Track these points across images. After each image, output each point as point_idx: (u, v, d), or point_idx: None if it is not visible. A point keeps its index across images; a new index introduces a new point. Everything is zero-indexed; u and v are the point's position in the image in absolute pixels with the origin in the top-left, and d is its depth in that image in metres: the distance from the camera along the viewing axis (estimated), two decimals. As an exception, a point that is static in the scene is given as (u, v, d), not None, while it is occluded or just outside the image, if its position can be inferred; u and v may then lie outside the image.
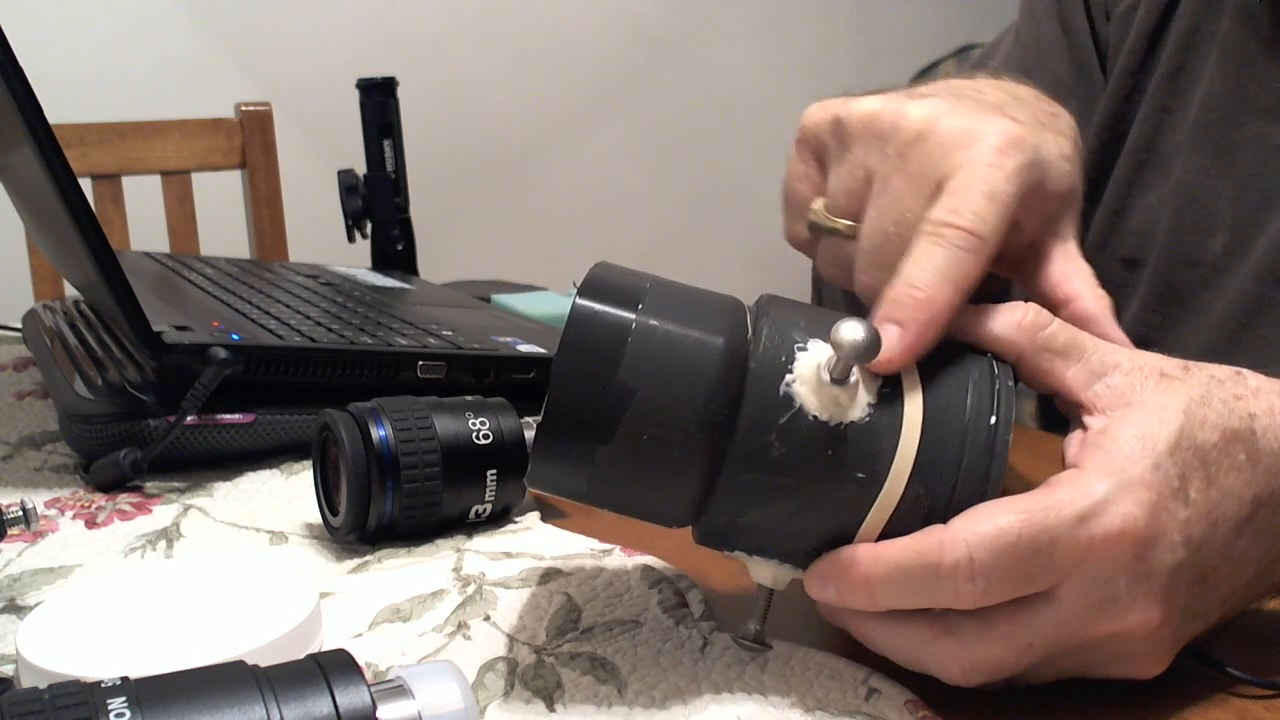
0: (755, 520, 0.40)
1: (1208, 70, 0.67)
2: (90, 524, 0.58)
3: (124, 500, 0.60)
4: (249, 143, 1.53)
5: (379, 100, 1.14)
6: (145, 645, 0.42)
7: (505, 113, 2.39)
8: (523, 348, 0.73)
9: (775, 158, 0.51)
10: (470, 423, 0.54)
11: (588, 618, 0.46)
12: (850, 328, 0.38)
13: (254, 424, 0.64)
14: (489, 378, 0.70)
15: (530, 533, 0.55)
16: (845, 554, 0.39)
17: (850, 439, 0.38)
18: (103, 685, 0.31)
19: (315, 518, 0.56)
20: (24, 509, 0.50)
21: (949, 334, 0.42)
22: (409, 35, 2.25)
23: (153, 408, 0.62)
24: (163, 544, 0.56)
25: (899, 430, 0.39)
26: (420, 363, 0.68)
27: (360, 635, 0.46)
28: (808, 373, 0.39)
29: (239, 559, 0.54)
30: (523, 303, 0.99)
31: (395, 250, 1.15)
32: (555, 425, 0.39)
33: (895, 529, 0.39)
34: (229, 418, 0.63)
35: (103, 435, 0.62)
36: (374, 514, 0.53)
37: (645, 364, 0.38)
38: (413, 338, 0.72)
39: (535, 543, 0.54)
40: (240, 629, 0.42)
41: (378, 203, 1.14)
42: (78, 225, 0.60)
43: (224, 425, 0.63)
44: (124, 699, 0.30)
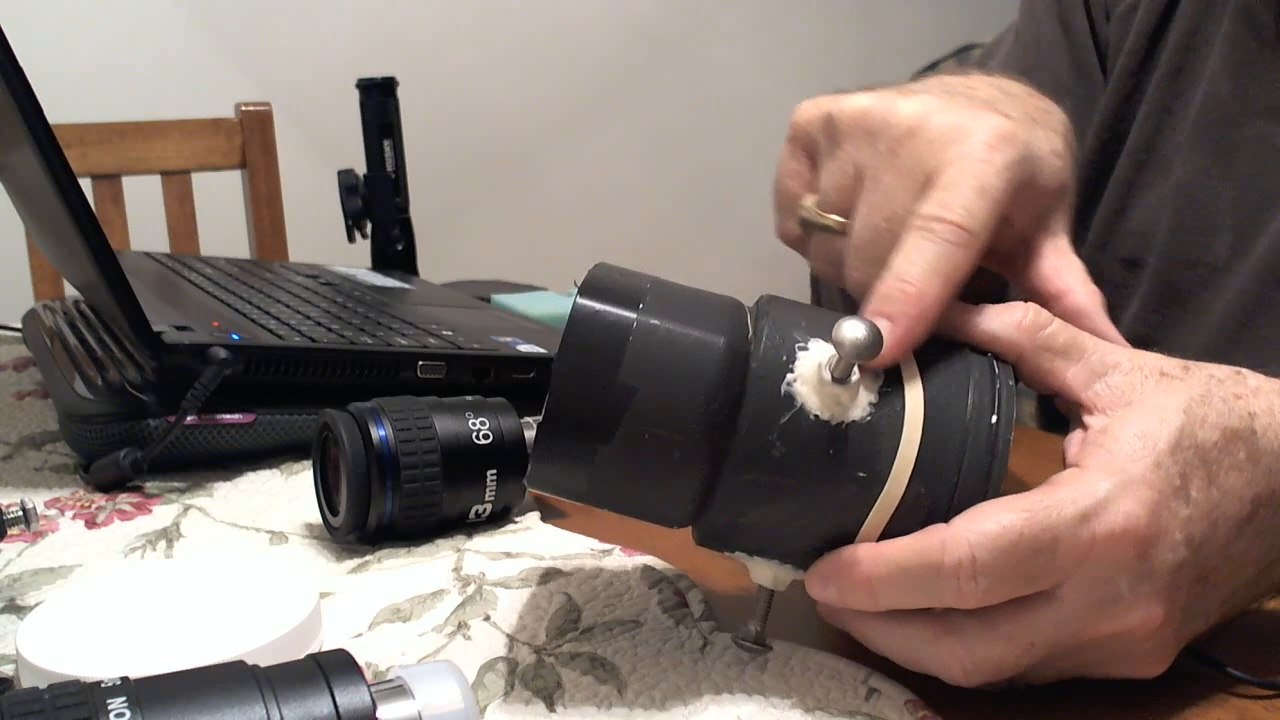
0: (756, 520, 0.40)
1: (1208, 70, 0.67)
2: (90, 524, 0.58)
3: (124, 500, 0.60)
4: (249, 143, 1.53)
5: (379, 100, 1.14)
6: (145, 645, 0.42)
7: (505, 113, 2.39)
8: (523, 348, 0.73)
9: (775, 158, 0.51)
10: (470, 423, 0.54)
11: (588, 618, 0.46)
12: (852, 326, 0.38)
13: (254, 424, 0.64)
14: (489, 378, 0.70)
15: (530, 533, 0.55)
16: (846, 554, 0.39)
17: (851, 438, 0.38)
18: (103, 685, 0.31)
19: (315, 518, 0.56)
20: (24, 509, 0.50)
21: (949, 334, 0.42)
22: (409, 35, 2.25)
23: (153, 408, 0.62)
24: (163, 544, 0.56)
25: (900, 429, 0.39)
26: (420, 363, 0.68)
27: (360, 635, 0.46)
28: (809, 372, 0.39)
29: (239, 559, 0.54)
30: (523, 303, 0.99)
31: (395, 250, 1.15)
32: (555, 425, 0.39)
33: (896, 529, 0.39)
34: (229, 418, 0.63)
35: (103, 435, 0.62)
36: (374, 514, 0.53)
37: (646, 364, 0.38)
38: (413, 338, 0.72)
39: (535, 543, 0.54)
40: (240, 629, 0.42)
41: (378, 203, 1.14)
42: (78, 225, 0.60)
43: (224, 425, 0.63)
44: (124, 699, 0.30)
